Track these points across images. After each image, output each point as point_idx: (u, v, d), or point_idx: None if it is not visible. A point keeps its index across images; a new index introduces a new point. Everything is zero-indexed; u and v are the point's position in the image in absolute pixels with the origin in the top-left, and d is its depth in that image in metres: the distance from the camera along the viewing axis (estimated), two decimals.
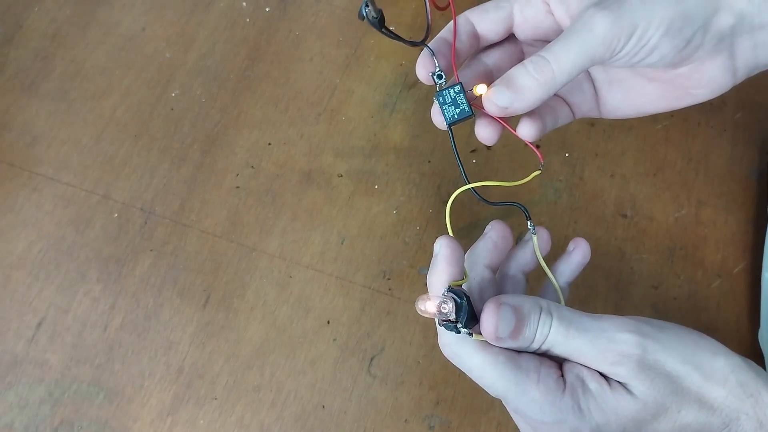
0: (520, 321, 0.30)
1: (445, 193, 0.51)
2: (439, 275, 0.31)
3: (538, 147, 0.35)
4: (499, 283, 0.35)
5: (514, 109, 0.32)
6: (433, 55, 0.33)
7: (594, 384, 0.30)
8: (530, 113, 0.35)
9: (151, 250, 0.50)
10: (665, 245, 0.50)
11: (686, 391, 0.29)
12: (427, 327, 0.48)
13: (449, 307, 0.29)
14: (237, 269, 0.49)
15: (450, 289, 0.30)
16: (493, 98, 0.31)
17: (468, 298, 0.30)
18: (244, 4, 0.60)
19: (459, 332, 0.29)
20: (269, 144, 0.54)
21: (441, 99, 0.33)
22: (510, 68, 0.33)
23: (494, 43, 0.36)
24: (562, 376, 0.30)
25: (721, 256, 0.50)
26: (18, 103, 0.55)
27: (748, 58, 0.33)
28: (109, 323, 0.48)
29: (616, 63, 0.32)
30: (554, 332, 0.30)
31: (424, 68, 0.33)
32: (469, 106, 0.33)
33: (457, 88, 0.33)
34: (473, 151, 0.53)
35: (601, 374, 0.30)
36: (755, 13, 0.32)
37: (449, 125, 0.34)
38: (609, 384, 0.30)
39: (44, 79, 0.56)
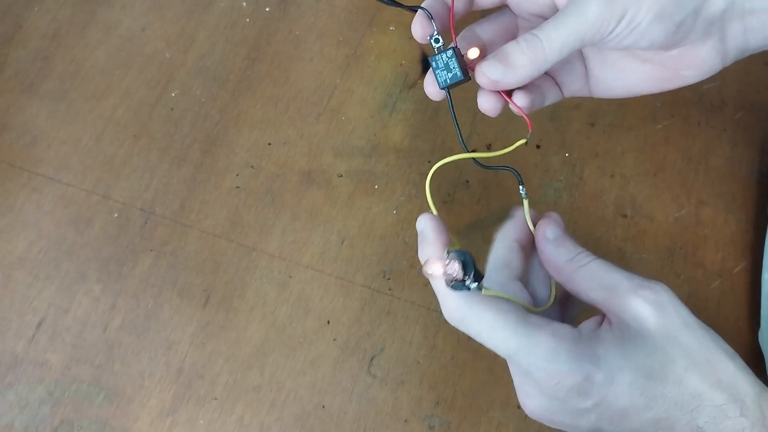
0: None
1: (444, 193, 0.51)
2: (433, 244, 0.32)
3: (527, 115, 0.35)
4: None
5: (506, 83, 0.33)
6: (431, 18, 0.34)
7: (608, 335, 0.30)
8: (522, 87, 0.36)
9: (151, 250, 0.50)
10: (665, 245, 0.50)
11: (695, 351, 0.30)
12: (427, 327, 0.48)
13: (455, 267, 0.28)
14: (237, 269, 0.49)
15: (449, 252, 0.29)
16: (486, 71, 0.33)
17: (470, 254, 0.29)
18: (244, 4, 0.60)
19: (469, 289, 0.29)
20: (269, 144, 0.54)
21: (434, 63, 0.34)
22: (503, 43, 0.34)
23: (488, 11, 0.37)
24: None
25: (721, 256, 0.50)
26: (18, 103, 0.55)
27: (738, 42, 0.34)
28: (109, 323, 0.48)
29: (607, 45, 0.33)
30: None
31: (421, 28, 0.35)
32: (462, 70, 0.34)
33: (450, 52, 0.34)
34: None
35: (613, 324, 0.31)
36: None
37: (445, 89, 0.34)
38: (622, 332, 0.30)
39: (44, 79, 0.56)
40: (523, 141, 0.35)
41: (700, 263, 0.50)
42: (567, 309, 0.36)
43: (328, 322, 0.48)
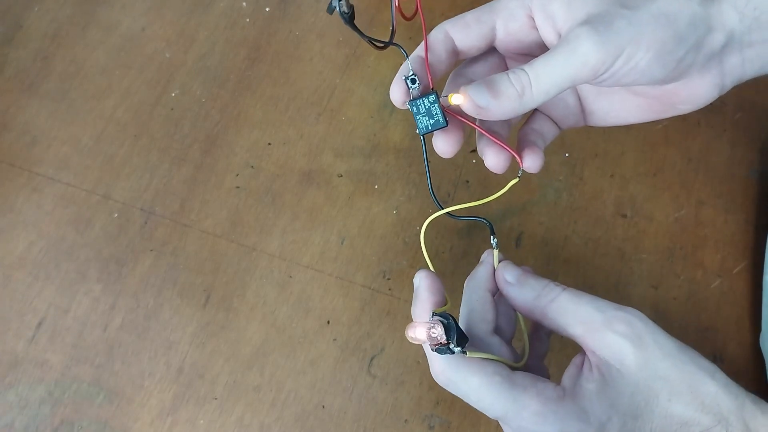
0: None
1: (444, 193, 0.51)
2: (423, 304, 0.32)
3: (516, 150, 0.34)
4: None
5: (490, 112, 0.30)
6: (407, 56, 0.33)
7: (591, 384, 0.30)
8: (530, 146, 0.35)
9: (151, 250, 0.50)
10: (665, 245, 0.50)
11: (677, 379, 0.30)
12: None
13: (438, 331, 0.29)
14: (237, 269, 0.49)
15: (434, 314, 0.30)
16: (473, 95, 0.30)
17: (454, 318, 0.30)
18: (244, 4, 0.60)
19: (453, 353, 0.29)
20: (269, 144, 0.54)
21: (415, 109, 0.32)
22: None
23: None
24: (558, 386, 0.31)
25: (721, 256, 0.50)
26: (18, 103, 0.55)
27: (735, 73, 0.33)
28: (109, 323, 0.48)
29: (603, 84, 0.31)
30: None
31: (399, 95, 0.33)
32: (444, 116, 0.32)
33: (432, 97, 0.32)
34: (473, 151, 0.53)
35: (593, 367, 0.30)
36: (745, 32, 0.32)
37: (422, 136, 0.32)
38: (603, 377, 0.30)
39: (44, 79, 0.56)
40: (515, 180, 0.34)
41: (700, 263, 0.50)
42: (535, 346, 0.36)
43: (328, 322, 0.48)
